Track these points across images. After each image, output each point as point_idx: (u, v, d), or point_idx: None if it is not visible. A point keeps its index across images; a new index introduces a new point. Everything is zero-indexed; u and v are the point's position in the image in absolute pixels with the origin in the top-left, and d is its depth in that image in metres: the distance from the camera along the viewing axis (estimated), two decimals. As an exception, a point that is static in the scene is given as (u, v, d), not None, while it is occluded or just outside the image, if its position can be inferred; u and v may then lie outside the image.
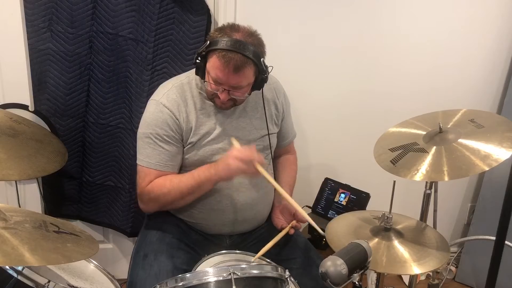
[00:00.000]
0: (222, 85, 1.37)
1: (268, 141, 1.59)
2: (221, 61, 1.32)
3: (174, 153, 1.47)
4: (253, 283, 1.14)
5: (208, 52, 1.35)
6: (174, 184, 1.45)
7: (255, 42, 1.36)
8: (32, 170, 1.51)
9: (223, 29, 1.38)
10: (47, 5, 1.78)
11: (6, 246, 0.90)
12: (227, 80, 1.35)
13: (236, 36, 1.34)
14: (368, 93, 2.15)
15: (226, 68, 1.33)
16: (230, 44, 1.31)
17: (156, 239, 1.50)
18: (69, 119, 1.92)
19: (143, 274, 1.38)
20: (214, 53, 1.33)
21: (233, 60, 1.32)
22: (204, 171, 1.42)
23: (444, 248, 1.31)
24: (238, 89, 1.39)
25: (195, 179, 1.42)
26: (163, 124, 1.43)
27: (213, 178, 1.40)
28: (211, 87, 1.39)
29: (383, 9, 2.04)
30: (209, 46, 1.34)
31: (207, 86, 1.41)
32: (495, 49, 2.19)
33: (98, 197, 2.04)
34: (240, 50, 1.31)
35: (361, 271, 1.08)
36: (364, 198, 1.93)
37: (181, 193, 1.45)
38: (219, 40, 1.33)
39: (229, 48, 1.31)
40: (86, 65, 1.86)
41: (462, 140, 1.37)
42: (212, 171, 1.40)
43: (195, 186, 1.43)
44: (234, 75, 1.34)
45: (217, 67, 1.34)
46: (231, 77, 1.35)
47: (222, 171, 1.38)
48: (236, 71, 1.33)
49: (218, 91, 1.39)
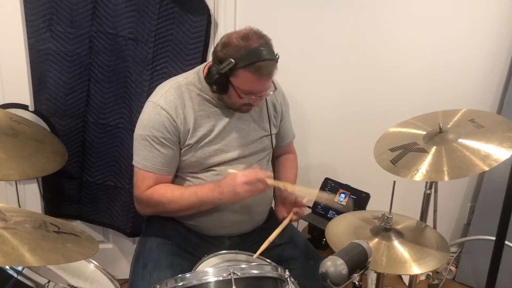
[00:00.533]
0: (257, 94, 1.39)
1: (266, 142, 1.59)
2: (255, 74, 1.33)
3: (171, 156, 1.46)
4: (253, 283, 1.14)
5: (233, 70, 1.34)
6: (175, 196, 1.44)
7: (267, 41, 1.38)
8: (32, 170, 1.51)
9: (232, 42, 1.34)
10: (47, 5, 1.78)
11: (6, 246, 0.90)
12: (262, 88, 1.39)
13: (253, 44, 1.33)
14: (368, 93, 2.15)
15: (261, 79, 1.35)
16: (256, 55, 1.32)
17: (155, 247, 1.49)
18: (69, 119, 1.92)
19: (142, 284, 1.37)
20: (243, 69, 1.33)
21: (266, 69, 1.34)
22: (208, 192, 1.41)
23: (444, 248, 1.31)
24: (268, 89, 1.42)
25: (198, 197, 1.42)
26: (160, 127, 1.42)
27: (215, 201, 1.41)
28: (244, 100, 1.40)
29: (383, 9, 2.04)
30: (237, 64, 1.32)
31: (235, 100, 1.41)
32: (495, 49, 2.19)
33: (98, 197, 2.04)
34: (269, 57, 1.33)
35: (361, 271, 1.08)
36: (364, 198, 1.93)
37: (180, 207, 1.45)
38: (242, 55, 1.32)
39: (258, 60, 1.32)
40: (86, 65, 1.86)
41: (462, 140, 1.37)
42: (216, 195, 1.39)
43: (196, 203, 1.43)
44: (268, 81, 1.38)
45: (252, 81, 1.35)
46: (266, 84, 1.38)
47: (228, 196, 1.37)
48: (269, 76, 1.37)
49: (250, 100, 1.41)
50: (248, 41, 1.33)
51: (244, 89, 1.37)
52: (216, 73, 1.35)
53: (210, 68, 1.38)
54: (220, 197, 1.38)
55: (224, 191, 1.37)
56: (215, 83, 1.37)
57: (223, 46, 1.36)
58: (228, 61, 1.32)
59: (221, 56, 1.35)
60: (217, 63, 1.36)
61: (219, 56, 1.36)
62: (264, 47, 1.33)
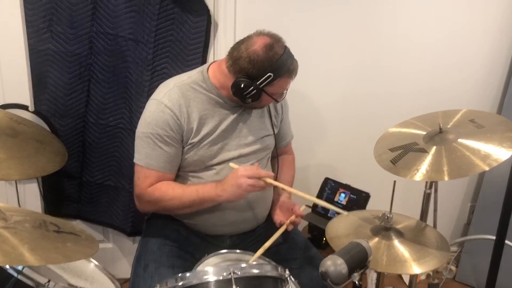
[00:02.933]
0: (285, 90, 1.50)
1: (267, 142, 1.59)
2: (290, 77, 1.44)
3: (173, 155, 1.46)
4: (253, 282, 1.14)
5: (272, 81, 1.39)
6: (176, 194, 1.44)
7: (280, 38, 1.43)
8: (32, 170, 1.51)
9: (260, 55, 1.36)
10: (47, 6, 1.78)
11: (6, 245, 0.90)
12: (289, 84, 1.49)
13: (279, 50, 1.38)
14: (368, 93, 2.15)
15: (292, 78, 1.45)
16: (287, 60, 1.40)
17: (156, 248, 1.49)
18: (69, 119, 1.92)
19: (144, 285, 1.37)
20: (279, 77, 1.40)
21: (296, 68, 1.45)
22: (209, 190, 1.42)
23: (444, 247, 1.31)
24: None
25: (199, 195, 1.42)
26: (164, 124, 1.43)
27: (217, 199, 1.41)
28: (278, 100, 1.50)
29: (383, 9, 2.04)
30: (276, 76, 1.38)
31: (267, 102, 1.50)
32: (495, 49, 2.19)
33: (98, 197, 2.05)
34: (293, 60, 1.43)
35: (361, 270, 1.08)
36: (364, 198, 1.93)
37: (181, 204, 1.45)
38: (276, 65, 1.37)
39: (291, 64, 1.41)
40: (86, 66, 1.87)
41: (462, 140, 1.37)
42: (219, 192, 1.40)
43: (197, 202, 1.43)
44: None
45: (286, 83, 1.45)
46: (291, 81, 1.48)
47: (231, 192, 1.37)
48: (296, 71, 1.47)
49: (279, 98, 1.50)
50: (274, 49, 1.38)
51: (279, 92, 1.47)
52: (254, 88, 1.39)
53: (239, 82, 1.39)
54: (222, 194, 1.39)
55: (227, 188, 1.38)
56: (251, 96, 1.41)
57: (252, 62, 1.37)
58: (267, 75, 1.37)
59: (252, 72, 1.38)
60: (249, 77, 1.38)
61: (249, 72, 1.38)
62: (285, 51, 1.41)
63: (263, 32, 1.42)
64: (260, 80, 1.38)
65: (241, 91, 1.40)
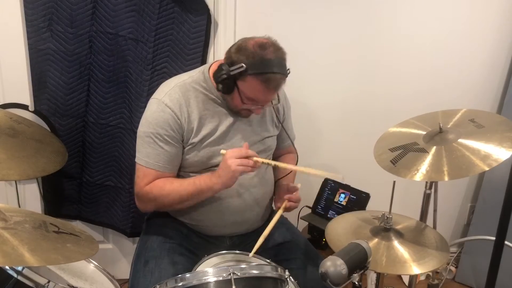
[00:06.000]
0: (260, 103, 1.40)
1: (268, 143, 1.59)
2: (264, 85, 1.34)
3: (174, 154, 1.46)
4: (253, 283, 1.14)
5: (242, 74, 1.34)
6: (174, 187, 1.44)
7: (282, 54, 1.38)
8: (32, 170, 1.51)
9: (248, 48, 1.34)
10: (47, 5, 1.78)
11: (6, 246, 0.90)
12: (265, 99, 1.40)
13: (269, 55, 1.34)
14: (368, 93, 2.15)
15: (268, 90, 1.36)
16: (269, 66, 1.33)
17: (156, 245, 1.49)
18: (69, 119, 1.92)
19: (144, 281, 1.37)
20: (252, 76, 1.33)
21: (275, 82, 1.35)
22: (205, 179, 1.41)
23: (444, 248, 1.31)
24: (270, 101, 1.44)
25: (196, 186, 1.42)
26: (164, 124, 1.43)
27: (214, 187, 1.40)
28: (246, 105, 1.41)
29: (383, 9, 2.04)
30: (248, 70, 1.32)
31: (237, 103, 1.42)
32: (495, 49, 2.19)
33: (98, 197, 2.04)
34: (278, 70, 1.34)
35: (361, 271, 1.08)
36: (364, 198, 1.93)
37: (180, 198, 1.45)
38: (255, 62, 1.32)
39: (269, 71, 1.33)
40: (86, 65, 1.86)
41: (462, 140, 1.37)
42: (214, 179, 1.39)
43: (194, 193, 1.43)
44: (273, 93, 1.39)
45: (258, 90, 1.35)
46: (270, 96, 1.39)
47: (224, 176, 1.37)
48: (276, 90, 1.38)
49: (251, 107, 1.42)
50: (264, 50, 1.34)
51: (249, 96, 1.38)
52: (225, 73, 1.36)
53: (220, 66, 1.38)
54: (217, 181, 1.38)
55: (220, 174, 1.38)
56: (222, 82, 1.38)
57: (238, 49, 1.36)
58: (239, 64, 1.33)
59: (233, 58, 1.36)
60: (228, 63, 1.36)
61: (231, 58, 1.37)
62: (278, 60, 1.35)
63: (275, 41, 1.39)
64: (234, 66, 1.34)
65: (217, 75, 1.38)
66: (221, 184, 1.39)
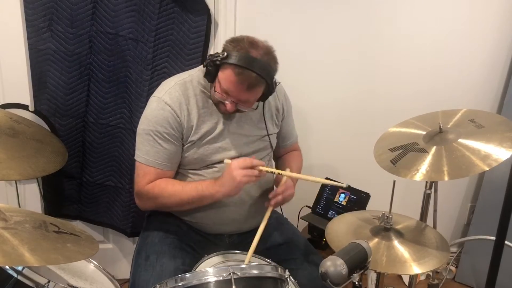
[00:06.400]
0: (232, 97, 1.38)
1: (267, 142, 1.59)
2: (237, 77, 1.33)
3: (173, 152, 1.47)
4: (253, 283, 1.14)
5: (223, 63, 1.35)
6: (176, 190, 1.45)
7: (271, 61, 1.37)
8: (32, 170, 1.51)
9: (241, 41, 1.36)
10: (47, 5, 1.78)
11: (6, 246, 0.90)
12: (238, 95, 1.37)
13: (254, 53, 1.33)
14: (368, 93, 2.15)
15: (240, 85, 1.34)
16: (248, 62, 1.32)
17: (157, 241, 1.50)
18: (69, 119, 1.92)
19: (145, 275, 1.38)
20: (230, 66, 1.33)
21: (249, 79, 1.33)
22: (208, 186, 1.42)
23: (444, 248, 1.31)
24: (246, 103, 1.41)
25: (198, 192, 1.42)
26: (164, 122, 1.43)
27: (216, 195, 1.41)
28: (220, 96, 1.40)
29: (383, 9, 2.04)
30: (226, 58, 1.33)
31: (215, 94, 1.41)
32: (495, 49, 2.19)
33: (98, 197, 2.04)
34: (257, 70, 1.32)
35: (361, 271, 1.08)
36: (364, 198, 1.93)
37: (180, 201, 1.45)
38: (237, 54, 1.32)
39: (246, 66, 1.31)
40: (86, 65, 1.86)
41: (462, 140, 1.37)
42: (217, 187, 1.40)
43: (195, 198, 1.43)
44: (246, 92, 1.36)
45: (231, 82, 1.35)
46: (243, 94, 1.37)
47: (228, 186, 1.37)
48: (249, 89, 1.35)
49: (225, 101, 1.40)
50: (252, 48, 1.34)
51: (223, 87, 1.37)
52: (209, 59, 1.37)
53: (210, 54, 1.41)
54: (219, 190, 1.39)
55: (224, 183, 1.38)
56: (207, 67, 1.39)
57: (232, 40, 1.39)
58: (223, 53, 1.35)
59: (223, 47, 1.38)
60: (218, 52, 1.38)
61: (222, 47, 1.39)
62: (262, 63, 1.33)
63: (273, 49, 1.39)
64: (219, 53, 1.35)
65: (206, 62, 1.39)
66: (223, 193, 1.40)
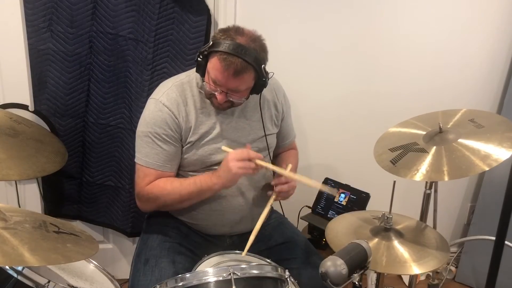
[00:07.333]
0: (221, 87, 1.37)
1: (267, 141, 1.59)
2: (222, 64, 1.32)
3: (173, 153, 1.47)
4: (253, 283, 1.14)
5: (210, 52, 1.35)
6: (174, 187, 1.45)
7: (258, 48, 1.36)
8: (32, 170, 1.51)
9: (228, 31, 1.37)
10: (47, 5, 1.78)
11: (6, 246, 0.90)
12: (225, 83, 1.36)
13: (240, 40, 1.33)
14: (368, 93, 2.15)
15: (225, 71, 1.33)
16: (232, 48, 1.31)
17: (157, 244, 1.50)
18: (69, 119, 1.92)
19: (144, 280, 1.38)
20: (216, 54, 1.33)
21: (234, 65, 1.31)
22: (206, 179, 1.42)
23: (444, 248, 1.31)
24: (236, 92, 1.40)
25: (196, 185, 1.43)
26: (162, 123, 1.43)
27: (214, 187, 1.41)
28: (210, 87, 1.40)
29: (383, 9, 2.03)
30: (211, 47, 1.34)
31: (206, 86, 1.41)
32: (495, 49, 2.19)
33: (98, 197, 2.04)
34: (241, 55, 1.31)
35: (361, 271, 1.08)
36: (364, 198, 1.93)
37: (180, 197, 1.45)
38: (222, 42, 1.32)
39: (230, 52, 1.31)
40: (86, 65, 1.86)
41: (462, 140, 1.37)
42: (214, 179, 1.40)
43: (195, 192, 1.43)
44: (233, 79, 1.35)
45: (217, 69, 1.34)
46: (230, 81, 1.35)
47: (224, 177, 1.38)
48: (236, 76, 1.34)
49: (216, 92, 1.39)
50: (238, 35, 1.34)
51: (211, 76, 1.37)
52: (200, 52, 1.37)
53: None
54: (217, 182, 1.39)
55: (221, 174, 1.39)
56: (197, 63, 1.39)
57: (219, 29, 1.39)
58: (210, 42, 1.35)
59: (211, 38, 1.39)
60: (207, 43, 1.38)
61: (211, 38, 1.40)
62: (248, 49, 1.32)
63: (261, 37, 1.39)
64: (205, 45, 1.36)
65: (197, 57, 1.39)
66: (221, 185, 1.40)
